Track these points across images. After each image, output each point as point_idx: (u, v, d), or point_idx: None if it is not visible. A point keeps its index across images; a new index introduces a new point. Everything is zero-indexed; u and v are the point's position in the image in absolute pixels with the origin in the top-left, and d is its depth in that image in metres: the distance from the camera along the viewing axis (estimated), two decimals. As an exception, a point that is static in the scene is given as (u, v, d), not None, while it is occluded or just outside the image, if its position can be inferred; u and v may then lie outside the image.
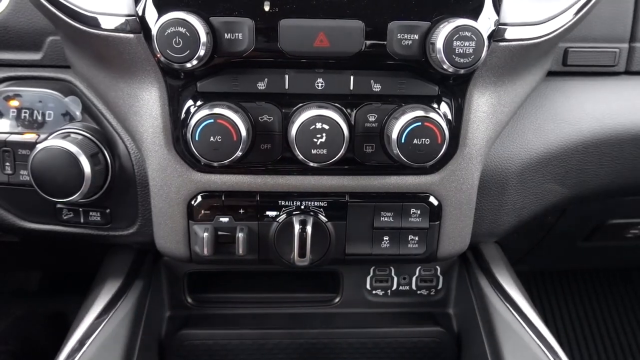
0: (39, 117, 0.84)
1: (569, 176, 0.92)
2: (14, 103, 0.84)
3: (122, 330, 0.86)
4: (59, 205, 0.87)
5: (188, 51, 0.67)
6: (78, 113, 0.85)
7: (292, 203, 0.82)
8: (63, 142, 0.77)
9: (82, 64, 0.82)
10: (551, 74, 0.91)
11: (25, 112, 0.84)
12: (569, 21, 0.76)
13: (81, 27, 0.72)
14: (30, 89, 0.84)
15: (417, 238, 0.84)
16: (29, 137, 0.83)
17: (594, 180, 0.94)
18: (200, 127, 0.70)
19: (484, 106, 0.79)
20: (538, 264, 1.62)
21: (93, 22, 0.72)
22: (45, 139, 0.80)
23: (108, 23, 0.71)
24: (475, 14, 0.71)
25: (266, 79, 0.74)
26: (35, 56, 0.86)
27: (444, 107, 0.76)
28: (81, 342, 0.82)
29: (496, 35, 0.73)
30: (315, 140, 0.72)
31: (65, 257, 1.32)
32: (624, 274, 1.95)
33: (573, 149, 0.90)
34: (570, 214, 1.12)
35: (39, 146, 0.77)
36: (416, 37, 0.70)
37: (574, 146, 0.90)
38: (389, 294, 1.09)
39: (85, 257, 1.24)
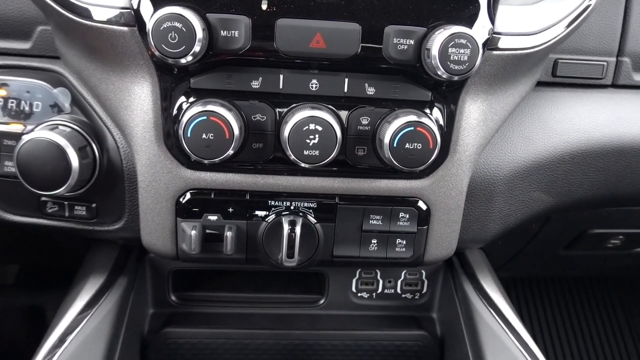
0: (26, 108, 0.82)
1: (555, 185, 0.94)
2: (1, 92, 0.82)
3: (104, 326, 0.84)
4: (43, 198, 0.85)
5: (183, 47, 0.66)
6: (67, 105, 0.83)
7: (282, 203, 0.82)
8: (51, 133, 0.76)
9: (72, 55, 0.80)
10: (541, 84, 0.93)
11: (12, 102, 0.82)
12: (561, 33, 0.78)
13: (73, 17, 0.71)
14: (18, 79, 0.83)
15: (404, 242, 0.85)
16: (16, 127, 0.81)
17: (579, 190, 0.95)
18: (193, 123, 0.70)
19: (476, 113, 0.80)
20: (519, 271, 1.65)
21: (86, 13, 0.70)
22: (32, 130, 0.78)
23: (101, 14, 0.70)
24: (470, 21, 0.71)
25: (261, 78, 0.74)
26: (24, 45, 0.84)
27: (436, 113, 0.77)
28: (62, 338, 0.81)
29: (490, 43, 0.74)
30: (307, 141, 0.71)
31: (46, 251, 1.29)
32: (602, 282, 1.99)
33: (560, 159, 0.92)
34: (554, 223, 1.13)
35: (26, 137, 0.75)
36: (412, 42, 0.71)
37: (561, 156, 0.92)
38: (374, 296, 1.09)
39: (67, 251, 1.22)
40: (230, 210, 0.81)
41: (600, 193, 0.97)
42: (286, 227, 0.80)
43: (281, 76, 0.74)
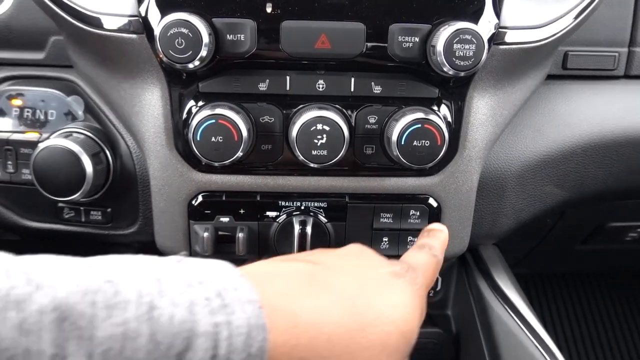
0: (42, 116, 0.85)
1: (568, 179, 0.93)
2: (17, 102, 0.85)
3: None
4: (60, 204, 0.87)
5: (190, 52, 0.67)
6: (80, 112, 0.85)
7: (292, 203, 0.82)
8: (65, 141, 0.78)
9: (84, 63, 0.82)
10: (551, 77, 0.92)
11: (27, 111, 0.85)
12: (569, 25, 0.77)
13: (84, 27, 0.72)
14: (33, 88, 0.85)
15: (416, 239, 0.85)
16: (31, 136, 0.84)
17: (593, 183, 0.94)
18: (202, 127, 0.71)
19: (484, 109, 0.80)
20: (536, 267, 1.63)
21: (96, 22, 0.72)
22: (47, 138, 0.80)
23: (111, 23, 0.72)
24: (475, 17, 0.71)
25: (267, 80, 0.74)
26: (38, 55, 0.87)
27: (444, 110, 0.77)
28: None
29: (496, 38, 0.73)
30: (315, 141, 0.72)
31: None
32: (622, 277, 1.95)
33: (572, 152, 0.91)
34: (569, 217, 1.12)
35: (41, 145, 0.77)
36: (417, 39, 0.71)
37: (573, 149, 0.90)
38: (388, 295, 1.09)
39: (86, 256, 1.24)
40: (242, 211, 0.82)
41: (614, 186, 0.95)
42: (297, 227, 0.81)
43: (288, 77, 0.74)
